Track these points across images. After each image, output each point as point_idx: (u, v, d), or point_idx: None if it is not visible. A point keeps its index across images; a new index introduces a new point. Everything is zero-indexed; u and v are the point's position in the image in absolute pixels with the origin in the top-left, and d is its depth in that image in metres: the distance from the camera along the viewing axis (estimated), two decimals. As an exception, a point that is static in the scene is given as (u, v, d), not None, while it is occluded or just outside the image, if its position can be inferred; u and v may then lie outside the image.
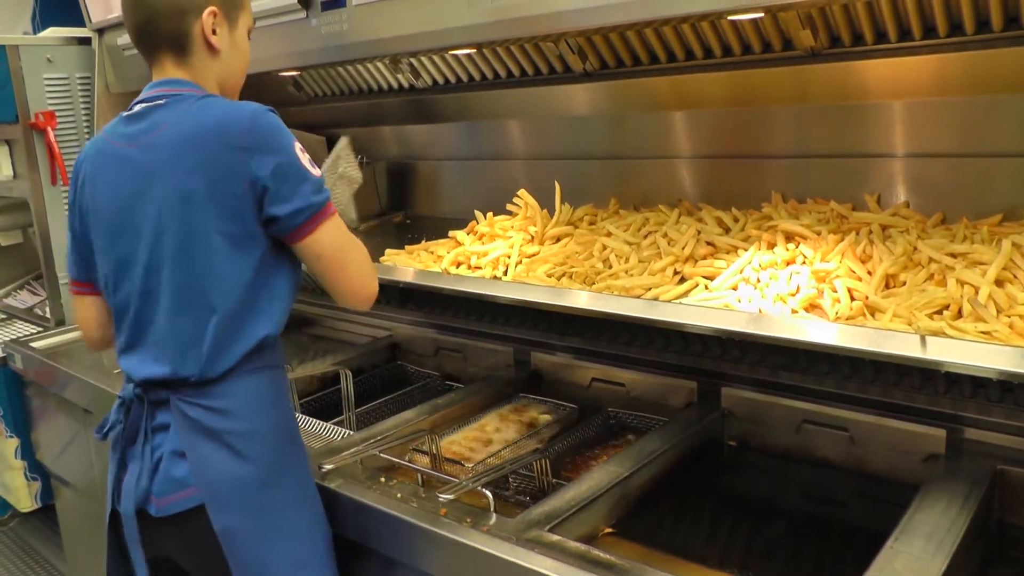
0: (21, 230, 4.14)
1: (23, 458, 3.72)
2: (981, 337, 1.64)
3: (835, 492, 2.08)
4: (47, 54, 3.61)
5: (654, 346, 2.44)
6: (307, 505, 1.86)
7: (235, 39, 1.89)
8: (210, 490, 1.75)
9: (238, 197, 1.70)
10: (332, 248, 1.79)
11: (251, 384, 1.79)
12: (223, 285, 1.73)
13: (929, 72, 2.03)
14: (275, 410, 1.83)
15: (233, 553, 1.75)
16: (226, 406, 1.76)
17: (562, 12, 1.87)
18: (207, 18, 1.80)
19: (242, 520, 1.75)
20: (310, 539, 1.84)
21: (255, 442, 1.77)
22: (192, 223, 1.71)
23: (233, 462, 1.75)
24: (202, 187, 1.69)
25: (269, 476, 1.78)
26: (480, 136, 3.11)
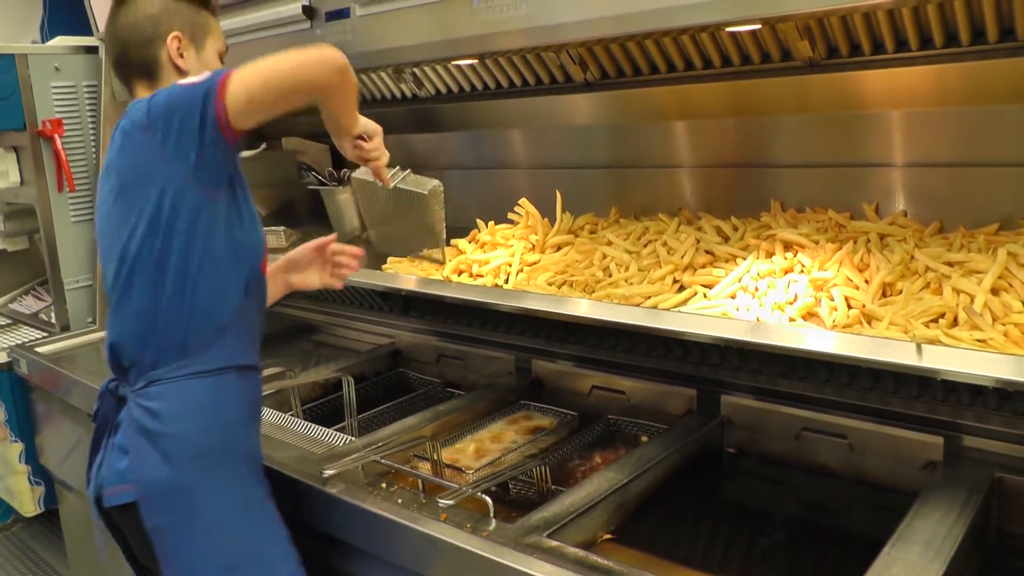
0: (27, 236, 4.16)
1: (27, 462, 3.74)
2: (976, 345, 1.66)
3: (834, 499, 2.08)
4: (55, 63, 3.64)
5: (654, 354, 2.45)
6: (240, 510, 1.84)
7: (204, 61, 1.97)
8: (143, 488, 1.79)
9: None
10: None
11: (186, 389, 1.80)
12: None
13: (926, 82, 2.04)
14: (212, 416, 1.82)
15: (163, 550, 1.80)
16: (157, 408, 1.79)
17: (563, 23, 1.89)
18: (171, 42, 1.91)
19: (170, 520, 1.79)
20: (243, 543, 1.82)
21: (181, 447, 1.78)
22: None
23: (162, 464, 1.77)
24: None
25: (196, 481, 1.79)
26: (482, 145, 3.13)
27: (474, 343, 2.89)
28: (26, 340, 3.69)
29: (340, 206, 3.39)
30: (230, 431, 1.85)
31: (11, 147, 3.74)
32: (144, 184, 1.75)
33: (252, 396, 1.95)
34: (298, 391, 2.68)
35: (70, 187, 3.66)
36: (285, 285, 2.28)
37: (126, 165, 1.79)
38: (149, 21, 1.91)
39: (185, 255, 1.76)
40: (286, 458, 2.17)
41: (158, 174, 1.74)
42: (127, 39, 1.92)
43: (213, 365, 1.82)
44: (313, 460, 2.14)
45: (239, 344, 1.87)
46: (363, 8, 2.29)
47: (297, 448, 2.28)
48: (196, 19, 1.96)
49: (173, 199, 1.74)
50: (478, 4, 2.01)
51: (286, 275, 2.28)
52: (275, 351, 3.32)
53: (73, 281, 3.77)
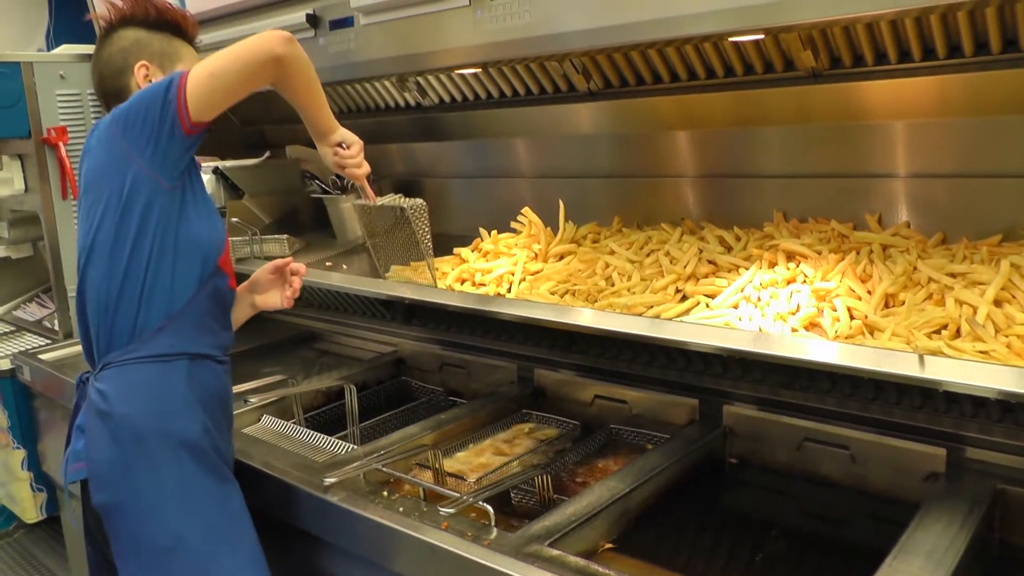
0: (31, 243, 4.16)
1: (29, 469, 3.74)
2: (979, 357, 1.65)
3: (836, 510, 2.08)
4: (60, 71, 3.66)
5: (656, 364, 2.45)
6: (180, 496, 1.87)
7: None
8: (92, 465, 1.89)
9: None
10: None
11: (133, 372, 1.89)
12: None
13: (929, 93, 2.05)
14: (154, 400, 1.89)
15: (110, 528, 1.89)
16: (106, 390, 1.88)
17: (567, 32, 1.90)
18: (139, 71, 2.07)
19: (114, 498, 1.86)
20: (182, 528, 1.86)
21: (126, 427, 1.86)
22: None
23: (109, 444, 1.86)
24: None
25: (137, 462, 1.85)
26: (485, 154, 3.14)
27: (477, 352, 2.89)
28: (29, 347, 3.69)
29: (343, 214, 3.40)
30: (173, 416, 1.90)
31: (16, 155, 3.75)
32: (107, 175, 1.89)
33: (206, 384, 1.98)
34: (300, 399, 2.68)
35: (74, 194, 3.66)
36: (250, 306, 2.33)
37: (95, 161, 1.93)
38: (120, 53, 2.09)
39: (137, 242, 1.86)
40: (287, 466, 2.17)
41: (119, 164, 1.87)
42: (102, 71, 2.12)
43: (161, 351, 1.90)
44: (314, 468, 2.14)
45: (192, 333, 1.94)
46: (367, 17, 2.30)
47: (298, 456, 2.28)
48: (166, 48, 2.12)
49: (130, 188, 1.86)
50: (481, 14, 2.01)
51: (250, 296, 2.33)
52: (278, 359, 3.32)
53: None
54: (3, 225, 4.06)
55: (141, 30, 2.11)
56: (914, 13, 1.79)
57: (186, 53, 2.16)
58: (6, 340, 3.97)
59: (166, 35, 2.13)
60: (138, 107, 1.86)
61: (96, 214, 1.89)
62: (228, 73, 1.85)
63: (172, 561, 1.84)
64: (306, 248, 3.35)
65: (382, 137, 3.46)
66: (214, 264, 1.98)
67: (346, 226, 3.40)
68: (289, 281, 2.31)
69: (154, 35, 2.12)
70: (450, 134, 3.18)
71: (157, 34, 2.12)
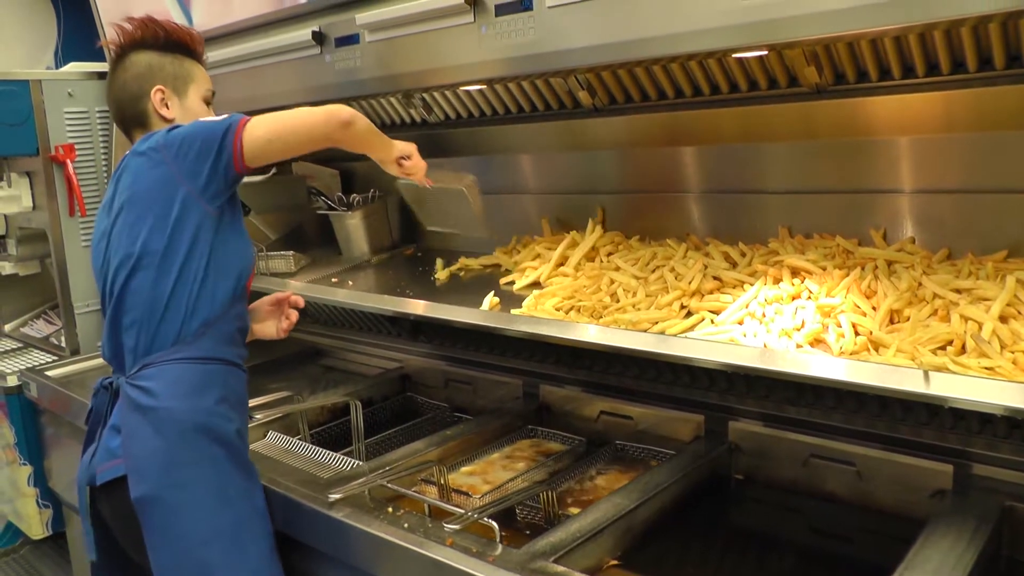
0: (39, 260, 4.18)
1: (35, 485, 3.75)
2: (984, 373, 1.65)
3: (842, 527, 2.07)
4: (68, 88, 3.68)
5: (661, 380, 2.45)
6: (217, 489, 1.97)
7: (187, 107, 2.23)
8: (132, 460, 1.96)
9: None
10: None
11: (178, 371, 1.99)
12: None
13: (934, 109, 2.05)
14: (199, 397, 1.99)
15: (146, 521, 1.94)
16: (150, 386, 1.97)
17: (572, 49, 1.90)
18: (155, 95, 2.18)
19: (155, 491, 1.93)
20: (219, 520, 1.96)
21: (171, 421, 1.95)
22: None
23: (152, 436, 1.94)
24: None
25: (181, 455, 1.94)
26: (491, 170, 3.14)
27: (482, 368, 2.89)
28: (36, 364, 3.71)
29: (349, 231, 3.40)
30: (213, 414, 2.00)
31: (24, 172, 3.77)
32: (157, 192, 1.99)
33: (236, 389, 2.12)
34: (306, 415, 2.68)
35: (81, 212, 3.69)
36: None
37: (140, 181, 2.02)
38: (135, 80, 2.19)
39: (188, 256, 1.99)
40: (293, 482, 2.17)
41: (170, 185, 1.99)
42: (120, 98, 2.22)
43: (201, 354, 2.02)
44: (320, 484, 2.14)
45: (223, 342, 2.07)
46: (372, 34, 2.31)
47: (304, 472, 2.29)
48: (178, 71, 2.22)
49: (181, 208, 1.98)
50: (486, 30, 2.02)
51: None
52: (284, 375, 3.33)
53: (83, 305, 3.79)
54: (11, 242, 4.08)
55: (152, 53, 2.21)
56: (918, 29, 1.79)
57: (197, 73, 2.27)
58: (13, 356, 3.98)
59: (177, 56, 2.23)
60: (192, 140, 1.99)
61: (143, 228, 1.99)
62: (286, 140, 2.04)
63: (207, 553, 1.92)
64: (312, 264, 3.36)
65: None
66: (245, 281, 2.13)
67: (352, 242, 3.41)
68: (287, 314, 2.46)
69: (165, 58, 2.21)
70: (456, 150, 3.18)
71: (168, 56, 2.22)
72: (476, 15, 2.04)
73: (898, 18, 1.45)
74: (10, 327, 4.42)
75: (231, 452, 2.01)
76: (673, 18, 1.71)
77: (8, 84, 3.54)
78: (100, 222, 2.16)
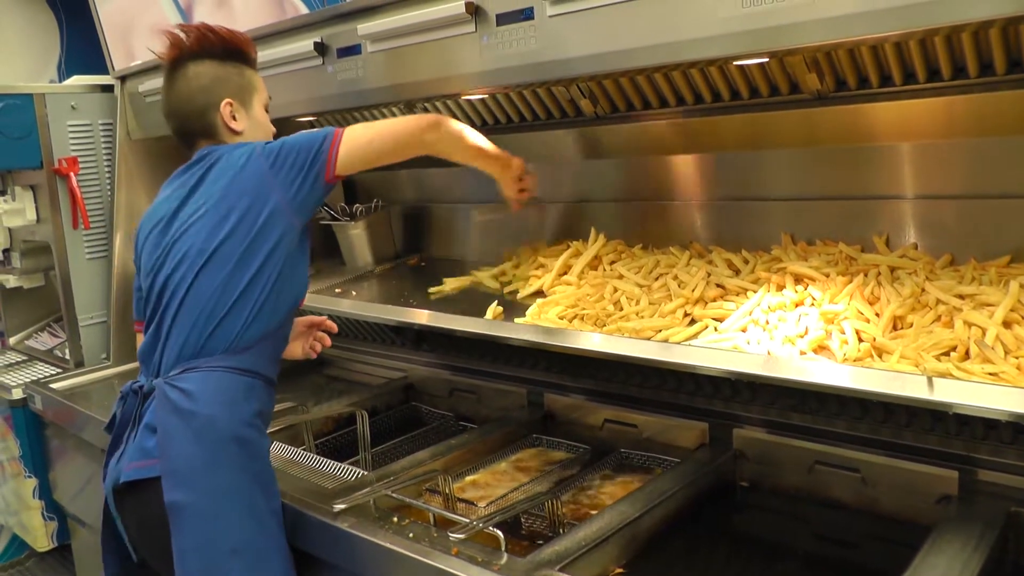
0: (43, 273, 4.19)
1: (40, 498, 3.75)
2: (988, 379, 1.64)
3: (847, 533, 2.07)
4: (71, 101, 3.69)
5: (665, 388, 2.45)
6: (248, 499, 1.96)
7: (253, 117, 2.24)
8: (169, 462, 1.94)
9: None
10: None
11: (222, 379, 1.99)
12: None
13: (934, 114, 2.05)
14: (237, 409, 1.99)
15: (178, 526, 1.92)
16: (193, 390, 1.96)
17: (573, 58, 1.91)
18: (224, 109, 2.17)
19: (191, 496, 1.92)
20: (247, 530, 1.95)
21: (211, 428, 1.94)
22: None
23: (191, 442, 1.93)
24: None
25: (219, 462, 1.94)
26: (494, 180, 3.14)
27: (486, 377, 2.90)
28: (41, 376, 3.71)
29: (352, 241, 3.41)
30: (252, 427, 2.01)
31: (28, 185, 3.78)
32: (247, 196, 2.02)
33: (270, 407, 2.15)
34: (311, 426, 2.68)
35: (85, 224, 3.69)
36: None
37: (237, 177, 2.05)
38: (202, 93, 2.17)
39: (263, 265, 2.02)
40: (298, 492, 2.17)
41: (261, 192, 2.02)
42: (185, 112, 2.20)
43: (247, 367, 2.03)
44: (324, 494, 2.14)
45: (267, 358, 2.09)
46: (374, 44, 2.32)
47: (309, 482, 2.29)
48: (241, 82, 2.22)
49: (268, 216, 2.02)
50: (488, 40, 2.03)
51: None
52: (288, 385, 3.32)
53: (87, 318, 3.79)
54: (15, 255, 4.09)
55: (213, 64, 2.20)
56: (918, 35, 1.79)
57: (257, 82, 2.28)
58: (18, 369, 3.98)
59: (237, 66, 2.23)
60: (290, 150, 2.04)
61: (227, 225, 2.01)
62: (379, 148, 2.13)
63: (235, 564, 1.91)
64: (315, 275, 3.36)
65: (391, 164, 3.47)
66: (298, 303, 2.18)
67: (355, 252, 3.42)
68: (319, 337, 2.51)
69: (229, 68, 2.21)
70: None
71: (230, 67, 2.21)
72: (478, 25, 2.04)
73: (899, 24, 1.45)
74: (15, 340, 4.43)
75: (263, 467, 2.02)
76: (674, 26, 1.71)
77: (12, 98, 3.55)
78: (159, 210, 2.16)
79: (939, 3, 1.39)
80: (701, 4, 1.65)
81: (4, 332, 4.45)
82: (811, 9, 1.52)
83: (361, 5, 2.36)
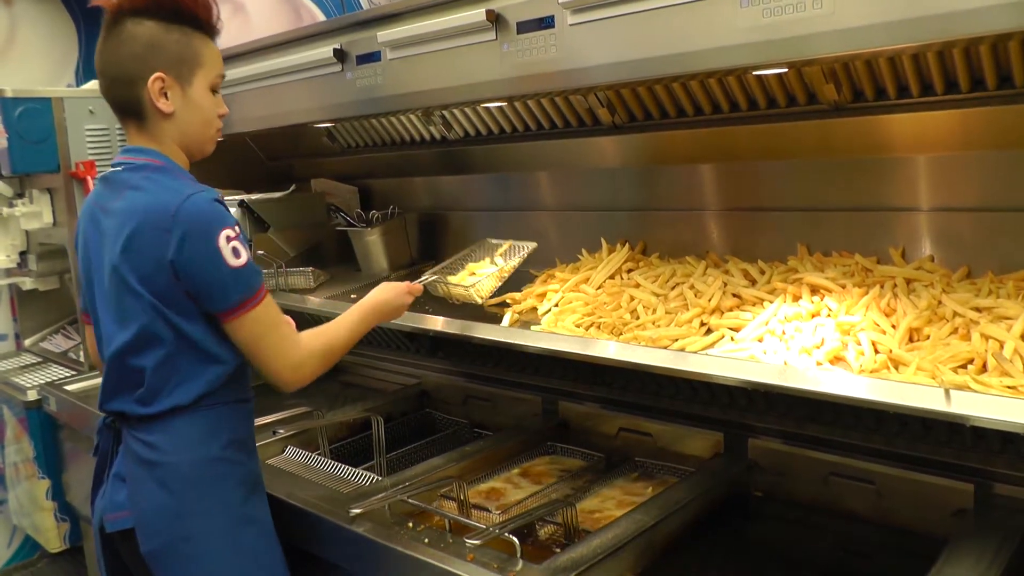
0: (58, 276, 4.21)
1: (53, 499, 3.77)
2: (1006, 392, 1.64)
3: (862, 545, 2.07)
4: (89, 106, 3.72)
5: (681, 397, 2.45)
6: (233, 535, 1.92)
7: (190, 98, 1.93)
8: (139, 514, 1.89)
9: (157, 271, 1.83)
10: (250, 337, 1.90)
11: (182, 424, 1.89)
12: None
13: (952, 127, 2.05)
14: (202, 447, 1.91)
15: (159, 573, 1.90)
16: (155, 441, 1.88)
17: (592, 67, 1.91)
18: (153, 84, 1.87)
19: (165, 545, 1.88)
20: (235, 568, 1.92)
21: (176, 475, 1.88)
22: (121, 285, 1.87)
23: (159, 491, 1.87)
24: (128, 258, 1.84)
25: (190, 507, 1.88)
26: (510, 187, 3.16)
27: (501, 384, 2.90)
28: (55, 378, 3.73)
29: (368, 247, 3.42)
30: (221, 461, 1.93)
31: (45, 189, 3.80)
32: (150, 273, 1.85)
33: (243, 427, 2.03)
34: (325, 431, 2.69)
35: (102, 227, 3.71)
36: None
37: (139, 244, 1.84)
38: (132, 61, 1.88)
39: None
40: (312, 497, 2.18)
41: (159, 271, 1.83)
42: (112, 75, 1.92)
43: (206, 401, 1.92)
44: (340, 499, 2.15)
45: (228, 385, 1.96)
46: (393, 51, 2.33)
47: (324, 487, 2.29)
48: (184, 52, 1.90)
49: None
50: (508, 48, 2.04)
51: None
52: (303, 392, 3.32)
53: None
54: (31, 258, 4.11)
55: (155, 25, 1.87)
56: (936, 47, 1.80)
57: (206, 54, 1.95)
58: (33, 371, 4.01)
59: (185, 31, 1.91)
60: (199, 278, 1.83)
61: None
62: (264, 349, 1.93)
63: None
64: (331, 281, 3.37)
65: (407, 170, 3.49)
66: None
67: (371, 259, 3.42)
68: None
69: (171, 33, 1.88)
70: (474, 167, 3.20)
71: (174, 30, 1.89)
72: (498, 33, 2.05)
73: (917, 36, 1.46)
74: (30, 342, 4.46)
75: (243, 492, 1.96)
76: (694, 36, 1.72)
77: (31, 102, 3.58)
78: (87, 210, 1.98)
79: (958, 15, 1.39)
80: (721, 14, 1.66)
81: (19, 334, 4.47)
82: (830, 20, 1.52)
83: (381, 12, 2.37)
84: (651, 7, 1.76)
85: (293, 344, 1.95)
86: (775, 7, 1.58)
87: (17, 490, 4.02)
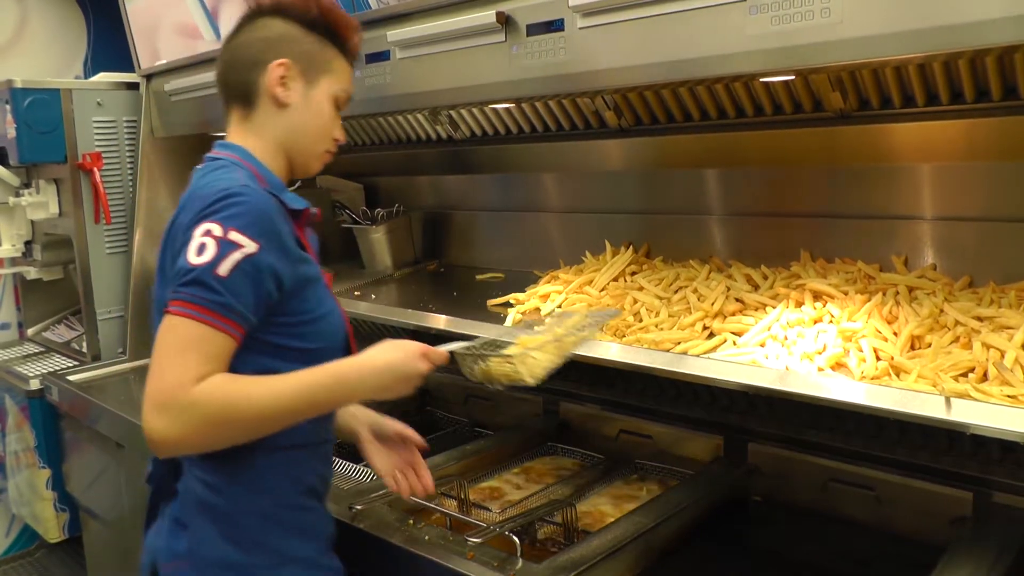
0: (63, 266, 4.23)
1: (53, 489, 3.77)
2: (1007, 401, 1.65)
3: (860, 551, 2.08)
4: (97, 98, 3.72)
5: (682, 400, 2.46)
6: None
7: (311, 98, 1.77)
8: (202, 568, 1.66)
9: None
10: (155, 345, 1.54)
11: (244, 462, 1.65)
12: None
13: (956, 136, 2.06)
14: (276, 495, 1.69)
15: None
16: (215, 481, 1.66)
17: (599, 70, 1.92)
18: (275, 68, 1.72)
19: None
20: None
21: (243, 527, 1.66)
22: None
23: (223, 543, 1.65)
24: (163, 258, 1.68)
25: (257, 561, 1.67)
26: (515, 188, 3.17)
27: (502, 384, 2.90)
28: (58, 368, 3.74)
29: (372, 245, 3.43)
30: (294, 509, 1.72)
31: (52, 179, 3.81)
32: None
33: (322, 471, 1.83)
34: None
35: (107, 219, 3.72)
36: (349, 430, 2.05)
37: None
38: (261, 44, 1.75)
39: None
40: (314, 493, 2.18)
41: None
42: (232, 59, 1.78)
43: (285, 442, 1.67)
44: (341, 496, 2.15)
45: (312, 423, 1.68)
46: (403, 51, 2.33)
47: (325, 483, 2.30)
48: (316, 54, 1.78)
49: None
50: (517, 50, 2.04)
51: (359, 424, 2.06)
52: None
53: (105, 312, 3.82)
54: (37, 247, 4.12)
55: (291, 24, 1.77)
56: (942, 57, 1.81)
57: (338, 66, 1.82)
58: (35, 360, 4.01)
59: (322, 40, 1.79)
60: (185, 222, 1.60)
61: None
62: (153, 374, 1.52)
63: None
64: (335, 278, 3.38)
65: (413, 169, 3.50)
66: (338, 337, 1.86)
67: (375, 256, 3.44)
68: (419, 473, 1.97)
69: (309, 35, 1.77)
70: (481, 167, 3.21)
71: (312, 35, 1.78)
72: (508, 35, 2.05)
73: (924, 46, 1.46)
74: (32, 331, 4.46)
75: (315, 547, 1.76)
76: (703, 41, 1.73)
77: (40, 92, 3.59)
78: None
79: (965, 27, 1.39)
80: (729, 21, 1.67)
81: (23, 323, 4.49)
82: (838, 29, 1.53)
83: (391, 12, 2.37)
84: (661, 12, 1.76)
85: (180, 380, 1.48)
86: (784, 15, 1.59)
87: (17, 479, 4.03)
